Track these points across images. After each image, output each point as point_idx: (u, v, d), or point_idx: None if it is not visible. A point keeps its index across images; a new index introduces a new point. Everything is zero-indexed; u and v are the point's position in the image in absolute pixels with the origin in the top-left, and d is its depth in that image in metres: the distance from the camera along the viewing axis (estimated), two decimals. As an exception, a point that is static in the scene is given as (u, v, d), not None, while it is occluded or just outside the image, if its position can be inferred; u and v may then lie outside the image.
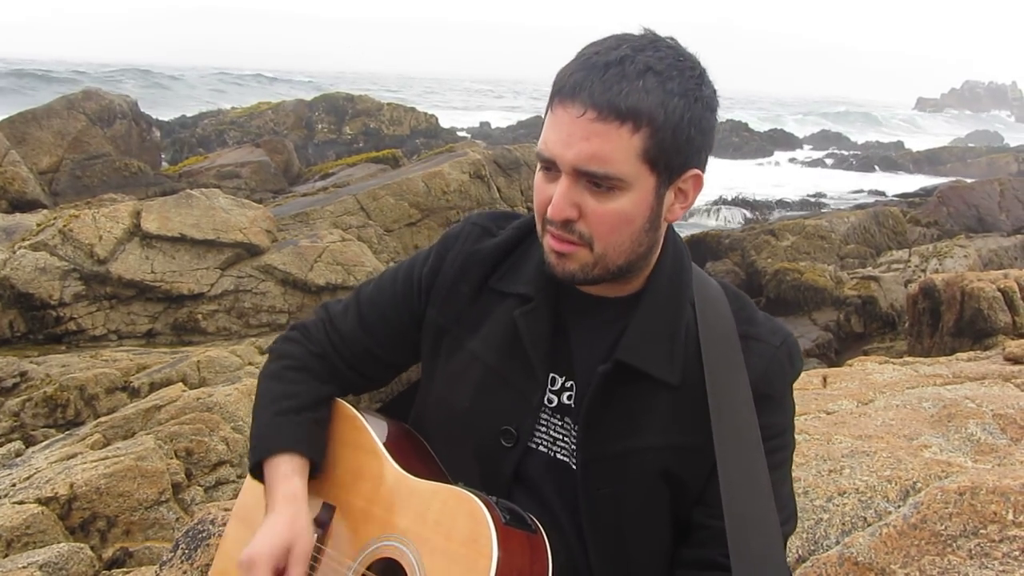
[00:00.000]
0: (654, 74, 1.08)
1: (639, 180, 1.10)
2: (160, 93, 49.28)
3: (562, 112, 1.10)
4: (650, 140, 1.08)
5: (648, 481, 1.19)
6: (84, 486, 3.77)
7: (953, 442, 2.54)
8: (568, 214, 1.11)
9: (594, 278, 1.17)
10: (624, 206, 1.11)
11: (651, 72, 1.08)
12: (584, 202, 1.11)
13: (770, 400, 1.21)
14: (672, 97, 1.09)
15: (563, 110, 1.10)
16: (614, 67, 1.08)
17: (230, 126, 25.87)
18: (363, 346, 1.37)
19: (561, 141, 1.10)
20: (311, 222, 9.88)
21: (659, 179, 1.12)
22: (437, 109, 30.47)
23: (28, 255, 7.49)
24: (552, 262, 1.17)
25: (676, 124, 1.09)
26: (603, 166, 1.08)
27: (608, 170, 1.08)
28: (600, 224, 1.12)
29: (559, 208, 1.11)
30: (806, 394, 3.14)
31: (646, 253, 1.18)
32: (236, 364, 5.88)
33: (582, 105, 1.08)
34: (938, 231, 14.43)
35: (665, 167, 1.11)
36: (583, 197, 1.11)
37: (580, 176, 1.10)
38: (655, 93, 1.08)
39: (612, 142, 1.07)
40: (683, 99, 1.10)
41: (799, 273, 10.89)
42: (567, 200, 1.11)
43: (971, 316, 6.22)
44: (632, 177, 1.10)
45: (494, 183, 11.86)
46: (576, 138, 1.08)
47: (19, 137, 13.28)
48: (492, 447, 1.24)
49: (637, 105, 1.07)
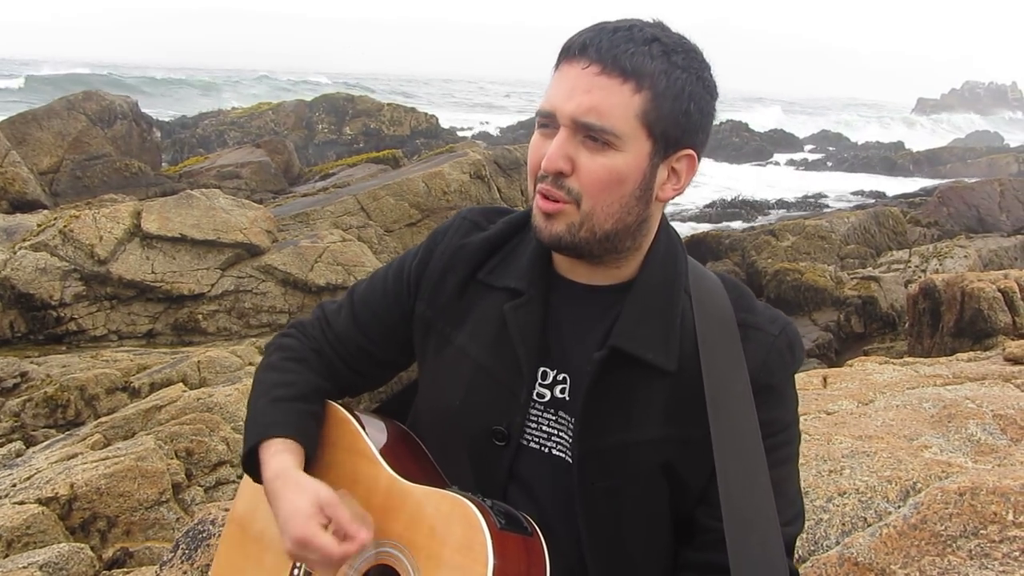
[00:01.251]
0: (660, 44, 1.11)
1: (635, 141, 1.11)
2: (160, 93, 49.24)
3: (567, 67, 1.12)
4: (650, 103, 1.10)
5: (646, 475, 1.18)
6: (84, 486, 3.77)
7: (953, 442, 2.54)
8: (561, 166, 1.11)
9: (580, 241, 1.15)
10: (617, 163, 1.11)
11: (658, 42, 1.11)
12: (578, 156, 1.11)
13: (771, 391, 1.19)
14: (675, 69, 1.11)
15: (568, 65, 1.12)
16: (623, 31, 1.10)
17: (230, 126, 25.90)
18: (357, 344, 1.36)
19: (563, 93, 1.11)
20: (311, 222, 9.88)
21: (655, 147, 1.12)
22: (437, 109, 30.47)
23: (29, 255, 7.49)
24: (539, 225, 1.16)
25: (677, 94, 1.11)
26: (601, 119, 1.09)
27: (605, 124, 1.09)
28: (591, 180, 1.11)
29: (553, 159, 1.11)
30: (806, 394, 3.14)
31: (634, 228, 1.17)
32: (236, 364, 5.88)
33: (587, 60, 1.10)
34: (938, 231, 14.44)
35: (662, 135, 1.12)
36: (578, 151, 1.11)
37: (578, 129, 1.10)
38: (660, 60, 1.10)
39: (613, 97, 1.09)
40: (686, 73, 1.11)
41: (799, 273, 10.89)
42: (561, 151, 1.11)
43: (971, 316, 6.22)
44: (628, 136, 1.10)
45: (494, 183, 11.86)
46: (578, 91, 1.10)
47: (20, 138, 13.28)
48: (484, 447, 1.22)
49: (641, 67, 1.09)
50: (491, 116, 41.90)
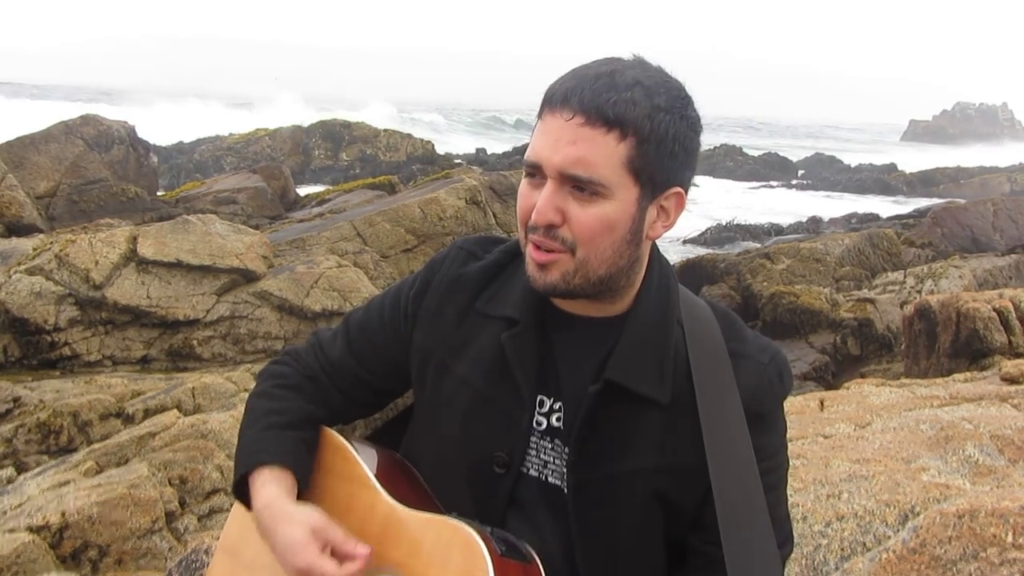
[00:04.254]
0: (642, 88, 1.11)
1: (622, 189, 1.11)
2: (158, 117, 49.44)
3: (551, 118, 1.12)
4: (635, 150, 1.10)
5: (640, 504, 1.18)
6: (76, 514, 3.73)
7: (951, 464, 2.53)
8: (552, 218, 1.12)
9: (575, 288, 1.16)
10: (607, 212, 1.11)
11: (639, 86, 1.11)
12: (568, 207, 1.12)
13: (761, 419, 1.21)
14: (658, 112, 1.11)
15: (552, 116, 1.12)
16: (604, 78, 1.10)
17: (227, 152, 26.00)
18: (352, 372, 1.36)
19: (548, 145, 1.11)
20: (308, 248, 9.88)
21: (642, 191, 1.13)
22: (433, 135, 30.60)
23: (24, 279, 7.47)
24: (533, 274, 1.16)
25: (661, 138, 1.11)
26: (588, 170, 1.09)
27: (592, 175, 1.09)
28: (583, 230, 1.12)
29: (543, 212, 1.11)
30: (803, 418, 3.13)
31: (627, 268, 1.18)
32: (231, 391, 5.85)
33: (571, 110, 1.10)
34: (932, 252, 14.49)
35: (648, 179, 1.12)
36: (567, 202, 1.12)
37: (565, 181, 1.11)
38: (642, 105, 1.10)
39: (598, 148, 1.09)
40: (669, 115, 1.11)
41: (795, 296, 10.90)
42: (551, 204, 1.11)
43: (967, 337, 6.22)
44: (616, 185, 1.11)
45: (490, 209, 11.89)
46: (563, 142, 1.10)
47: (17, 161, 13.30)
48: (484, 473, 1.23)
49: (624, 114, 1.09)
50: (487, 142, 42.06)
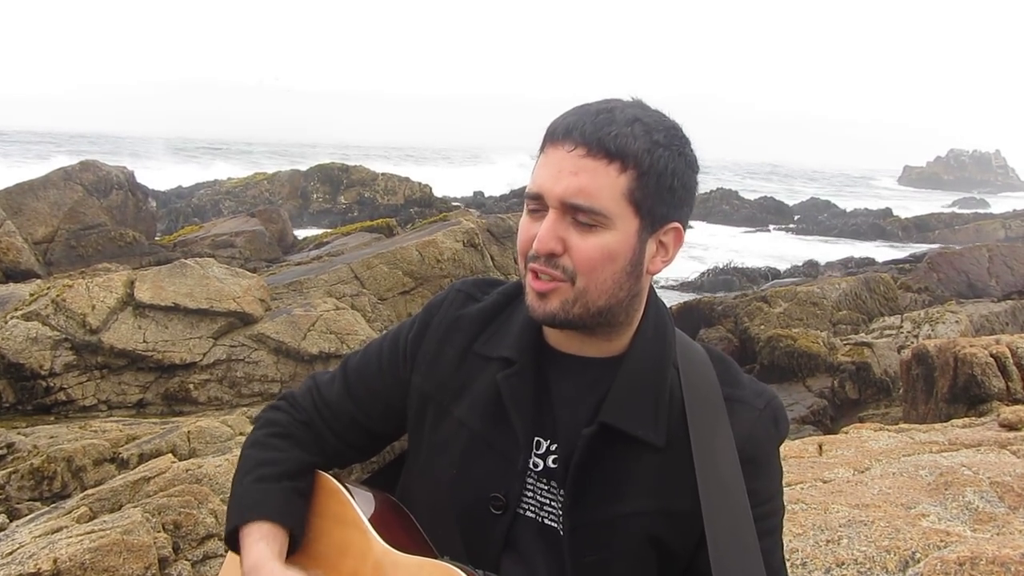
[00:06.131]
0: (642, 124, 1.14)
1: (623, 220, 1.14)
2: (157, 162, 49.84)
3: (553, 151, 1.15)
4: (635, 182, 1.13)
5: (635, 547, 1.18)
6: (68, 561, 3.67)
7: (951, 511, 2.52)
8: (553, 247, 1.14)
9: (574, 318, 1.17)
10: (608, 242, 1.14)
11: (639, 122, 1.14)
12: (569, 237, 1.14)
13: (756, 464, 1.21)
14: (658, 147, 1.14)
15: (554, 149, 1.15)
16: (604, 114, 1.14)
17: (226, 196, 26.15)
18: (350, 415, 1.36)
19: (551, 176, 1.14)
20: (305, 291, 9.89)
21: (642, 223, 1.16)
22: (431, 178, 30.83)
23: (20, 325, 7.46)
24: (532, 303, 1.18)
25: (661, 172, 1.14)
26: (589, 200, 1.12)
27: (594, 204, 1.12)
28: (583, 259, 1.14)
29: (544, 240, 1.14)
30: (802, 462, 3.12)
31: (626, 302, 1.19)
32: (227, 435, 5.81)
33: (572, 142, 1.13)
34: (929, 297, 14.52)
35: (648, 212, 1.15)
36: (568, 232, 1.14)
37: (567, 211, 1.13)
38: (642, 140, 1.13)
39: (599, 178, 1.12)
40: (668, 151, 1.15)
41: (792, 340, 10.90)
42: (552, 233, 1.14)
43: (965, 382, 6.21)
44: (617, 215, 1.13)
45: (487, 251, 11.94)
46: (565, 173, 1.13)
47: (15, 208, 13.37)
48: (480, 515, 1.22)
49: (625, 147, 1.12)
50: (485, 185, 42.36)
